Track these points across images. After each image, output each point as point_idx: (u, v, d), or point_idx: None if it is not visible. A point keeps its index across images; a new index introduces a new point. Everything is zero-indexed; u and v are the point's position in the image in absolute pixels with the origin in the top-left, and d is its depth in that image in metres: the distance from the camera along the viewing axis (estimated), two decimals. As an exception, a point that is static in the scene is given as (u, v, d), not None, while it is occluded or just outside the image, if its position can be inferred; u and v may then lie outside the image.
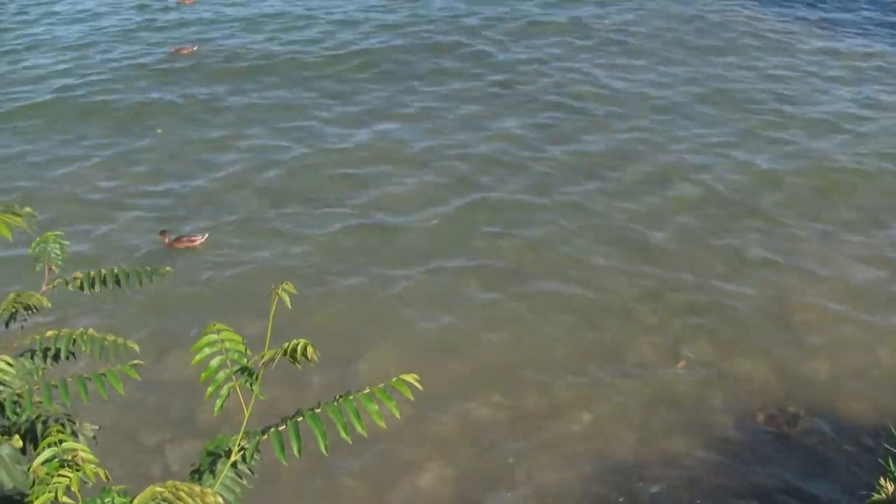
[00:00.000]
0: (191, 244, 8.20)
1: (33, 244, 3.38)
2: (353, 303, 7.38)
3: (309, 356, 1.97)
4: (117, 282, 3.31)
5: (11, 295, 3.31)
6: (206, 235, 8.29)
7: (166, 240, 8.14)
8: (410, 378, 2.22)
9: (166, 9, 15.07)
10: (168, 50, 13.06)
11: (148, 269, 3.35)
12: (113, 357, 3.07)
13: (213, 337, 2.12)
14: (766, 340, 6.96)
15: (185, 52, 12.90)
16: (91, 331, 3.25)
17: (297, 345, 1.96)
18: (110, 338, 3.17)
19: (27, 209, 2.69)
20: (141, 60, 12.74)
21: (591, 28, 13.83)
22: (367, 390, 2.20)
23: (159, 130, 10.41)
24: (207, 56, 12.92)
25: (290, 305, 2.04)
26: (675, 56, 12.73)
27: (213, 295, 7.46)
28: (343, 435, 2.09)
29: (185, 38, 13.50)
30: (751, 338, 6.98)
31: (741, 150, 9.95)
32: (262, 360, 1.97)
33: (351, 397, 2.16)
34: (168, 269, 3.51)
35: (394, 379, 2.23)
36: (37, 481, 2.04)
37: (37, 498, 1.94)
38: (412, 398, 2.23)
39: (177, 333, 6.96)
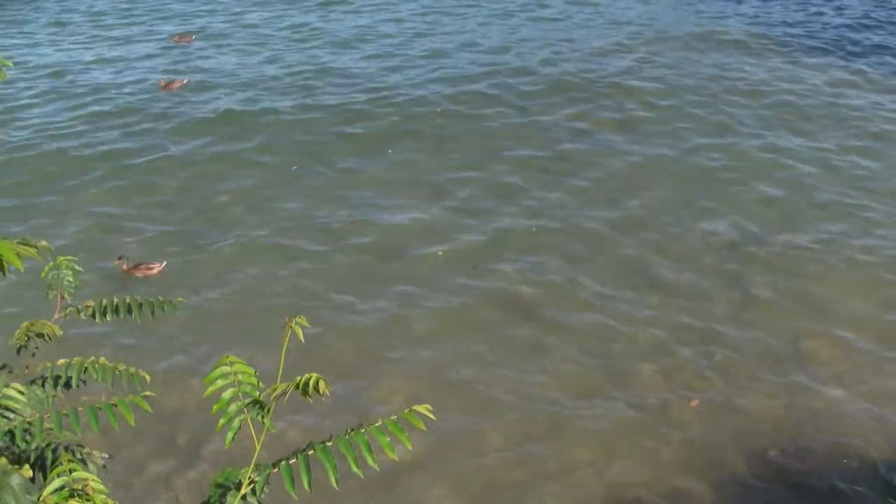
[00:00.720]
0: (148, 272, 8.14)
1: (46, 269, 3.40)
2: (363, 333, 7.36)
3: (321, 391, 1.97)
4: (129, 311, 3.33)
5: (25, 324, 3.32)
6: (164, 263, 8.23)
7: (123, 266, 8.08)
8: (423, 409, 2.21)
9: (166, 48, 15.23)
10: (158, 83, 13.22)
11: (160, 299, 3.37)
12: (126, 386, 3.08)
13: (227, 369, 2.12)
14: (778, 375, 6.90)
15: (175, 85, 13.04)
16: (102, 359, 3.26)
17: (310, 379, 1.96)
18: (122, 367, 3.18)
19: (43, 242, 2.71)
20: (140, 96, 12.89)
21: (607, 57, 13.93)
22: (379, 423, 2.19)
23: (173, 147, 10.43)
24: (202, 86, 13.07)
25: (303, 339, 2.04)
26: (696, 94, 12.78)
27: (224, 323, 7.46)
28: (354, 468, 2.08)
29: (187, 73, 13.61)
30: (763, 372, 6.93)
31: (753, 185, 9.94)
32: (275, 394, 1.97)
33: (363, 430, 2.15)
34: (181, 299, 3.53)
35: (406, 410, 2.22)
36: (46, 511, 2.03)
37: (47, 529, 1.93)
38: (424, 428, 2.22)
39: (187, 362, 6.96)
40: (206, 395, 2.14)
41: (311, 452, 2.13)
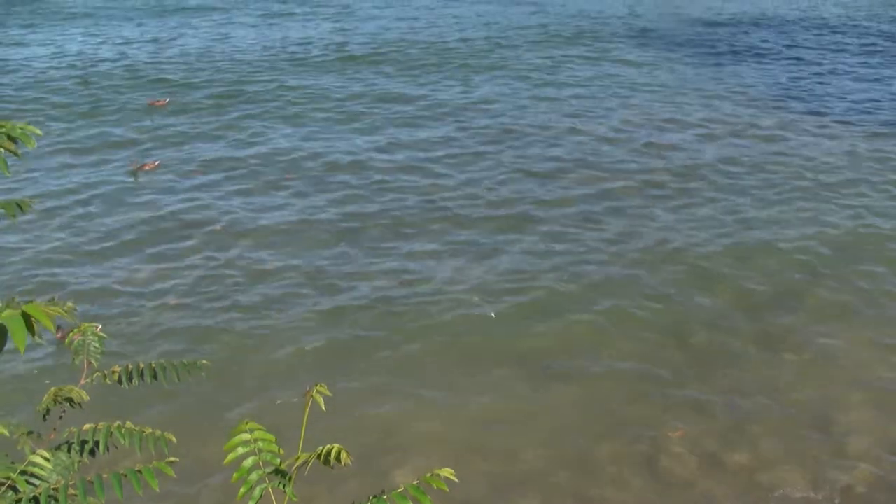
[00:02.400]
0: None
1: (70, 335, 3.44)
2: (383, 393, 7.29)
3: (342, 461, 1.97)
4: (155, 376, 3.36)
5: (52, 389, 3.36)
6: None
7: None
8: (446, 472, 2.20)
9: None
10: (146, 102, 13.57)
11: (186, 362, 3.39)
12: (153, 450, 3.09)
13: (247, 436, 2.14)
14: (805, 445, 6.72)
15: (160, 104, 13.34)
16: (129, 423, 3.29)
17: (332, 449, 1.97)
18: (148, 430, 3.20)
19: (69, 304, 2.75)
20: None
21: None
22: (401, 488, 2.18)
23: (218, 227, 10.49)
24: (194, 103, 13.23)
25: (324, 408, 2.05)
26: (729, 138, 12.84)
27: (240, 383, 7.42)
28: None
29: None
30: (789, 442, 6.74)
31: (787, 232, 9.90)
32: (296, 465, 1.97)
33: (385, 497, 2.14)
34: (205, 361, 3.55)
35: (428, 474, 2.21)
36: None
37: None
38: (447, 489, 2.20)
39: (207, 423, 6.91)
40: (226, 462, 2.15)
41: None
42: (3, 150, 2.15)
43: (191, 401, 7.02)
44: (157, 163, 12.78)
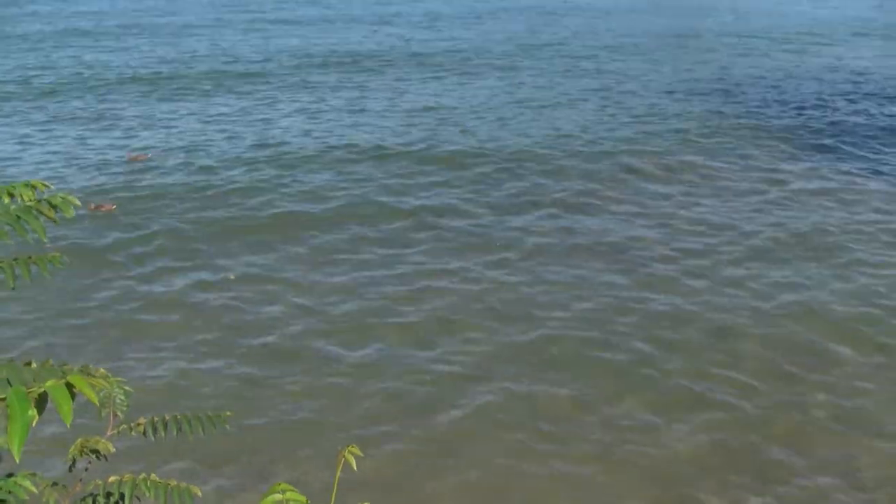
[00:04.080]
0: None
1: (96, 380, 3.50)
2: (406, 451, 7.25)
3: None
4: (180, 428, 3.41)
5: (79, 440, 3.42)
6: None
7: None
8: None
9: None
10: (126, 156, 13.83)
11: (210, 414, 3.45)
12: (178, 503, 3.14)
13: (279, 497, 2.18)
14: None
15: (140, 157, 13.69)
16: (154, 476, 3.34)
17: (362, 509, 2.01)
18: (173, 482, 3.25)
19: (101, 370, 2.82)
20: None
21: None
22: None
23: (232, 277, 10.54)
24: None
25: (355, 468, 2.09)
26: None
27: (269, 440, 7.39)
28: None
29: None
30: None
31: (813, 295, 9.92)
32: (329, 526, 2.01)
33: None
34: (228, 412, 3.60)
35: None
36: None
37: None
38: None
39: (237, 480, 6.90)
40: (258, 522, 2.19)
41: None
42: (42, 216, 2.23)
43: (217, 452, 7.03)
44: (113, 206, 12.68)
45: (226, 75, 22.19)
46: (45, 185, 2.70)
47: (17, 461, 1.58)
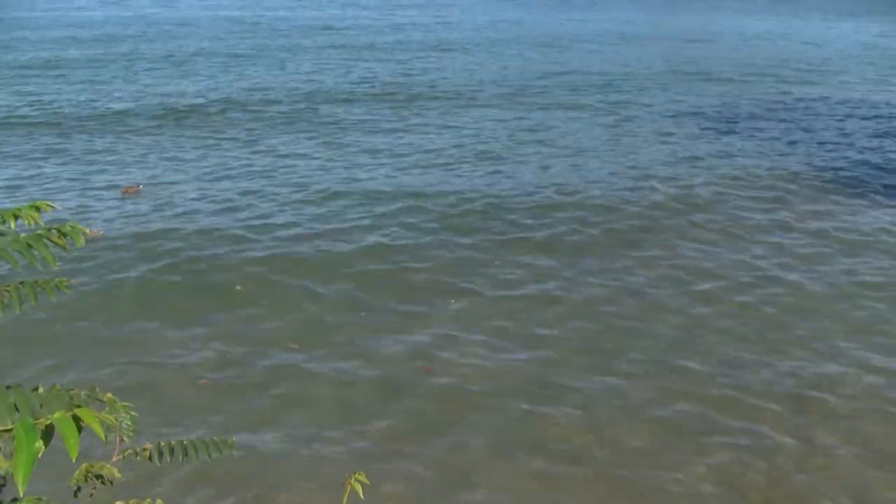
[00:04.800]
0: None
1: (103, 413, 3.49)
2: (413, 475, 7.21)
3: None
4: (186, 453, 3.40)
5: (84, 465, 3.42)
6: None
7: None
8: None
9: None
10: (120, 190, 14.33)
11: (216, 440, 3.44)
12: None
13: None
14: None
15: (132, 190, 14.16)
16: (159, 501, 3.33)
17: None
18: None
19: (108, 395, 2.81)
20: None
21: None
22: None
23: (238, 287, 10.52)
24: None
25: (362, 496, 2.08)
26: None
27: (275, 476, 7.35)
28: None
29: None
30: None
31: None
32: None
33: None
34: (233, 439, 3.59)
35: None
36: None
37: None
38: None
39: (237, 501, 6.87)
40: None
41: None
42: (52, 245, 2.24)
43: (220, 477, 7.00)
44: (100, 232, 12.63)
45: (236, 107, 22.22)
46: (51, 206, 2.70)
47: (21, 493, 1.57)
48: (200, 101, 22.45)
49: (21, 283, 2.48)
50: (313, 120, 20.77)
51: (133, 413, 3.57)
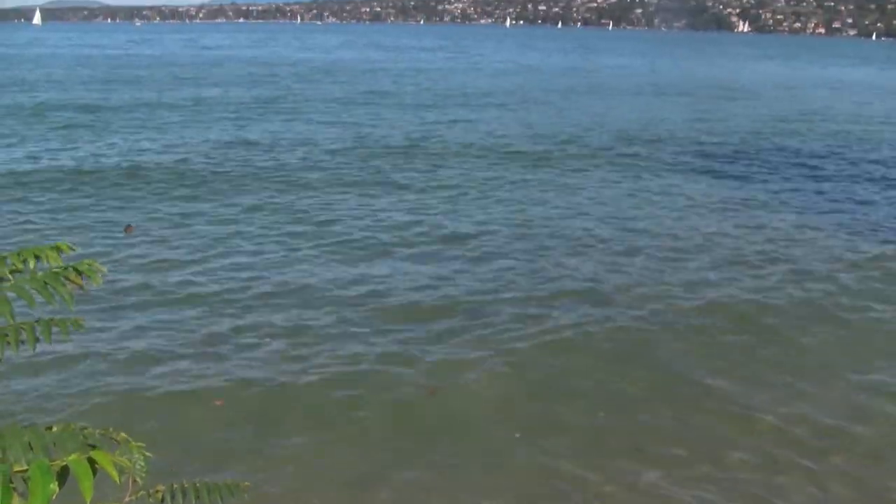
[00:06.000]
0: None
1: (116, 453, 3.47)
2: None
3: None
4: (198, 495, 3.37)
5: (97, 506, 3.39)
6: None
7: None
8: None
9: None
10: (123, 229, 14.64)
11: (228, 482, 3.41)
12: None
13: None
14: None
15: (132, 230, 14.61)
16: (169, 545, 3.28)
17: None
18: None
19: (122, 434, 2.79)
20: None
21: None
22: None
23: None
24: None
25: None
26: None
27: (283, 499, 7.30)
28: None
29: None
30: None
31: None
32: None
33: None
34: (247, 483, 3.56)
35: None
36: None
37: None
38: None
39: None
40: None
41: None
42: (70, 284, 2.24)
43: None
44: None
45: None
46: (71, 248, 2.71)
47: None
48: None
49: (37, 321, 2.47)
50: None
51: (147, 454, 3.55)
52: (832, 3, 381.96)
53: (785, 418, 8.55)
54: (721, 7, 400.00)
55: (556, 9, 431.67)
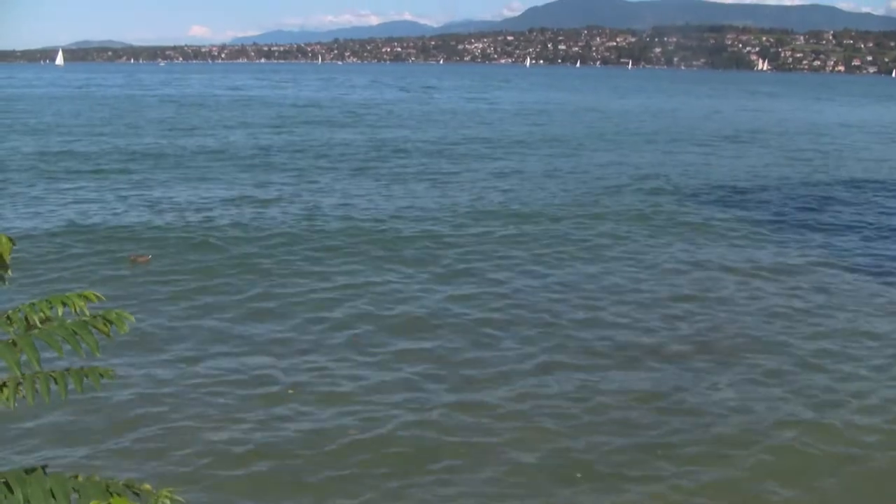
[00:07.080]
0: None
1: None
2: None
3: None
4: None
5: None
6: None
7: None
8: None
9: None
10: (128, 257, 14.88)
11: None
12: None
13: None
14: None
15: (141, 260, 14.68)
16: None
17: None
18: None
19: (146, 485, 2.78)
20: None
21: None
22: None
23: (290, 391, 10.23)
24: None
25: None
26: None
27: None
28: None
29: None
30: None
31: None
32: None
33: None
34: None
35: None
36: None
37: None
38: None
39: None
40: None
41: None
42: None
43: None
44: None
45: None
46: (98, 297, 2.71)
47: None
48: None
49: (67, 370, 2.48)
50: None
51: (178, 498, 3.51)
52: (851, 41, 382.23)
53: None
54: (740, 45, 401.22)
55: (576, 48, 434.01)
